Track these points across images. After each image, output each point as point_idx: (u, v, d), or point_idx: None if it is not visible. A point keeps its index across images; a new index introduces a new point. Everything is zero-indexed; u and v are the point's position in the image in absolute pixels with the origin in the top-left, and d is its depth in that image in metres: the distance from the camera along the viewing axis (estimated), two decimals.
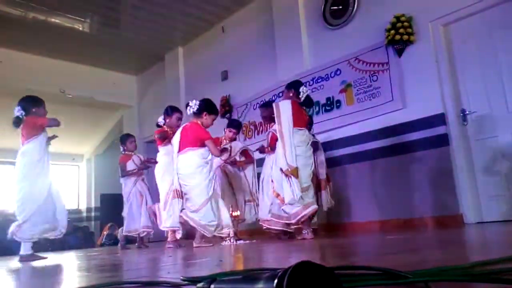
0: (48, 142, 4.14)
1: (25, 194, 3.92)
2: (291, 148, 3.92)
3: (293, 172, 3.84)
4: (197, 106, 4.27)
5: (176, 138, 4.28)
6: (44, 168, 4.03)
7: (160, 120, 5.02)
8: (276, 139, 4.17)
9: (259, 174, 4.93)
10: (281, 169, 3.91)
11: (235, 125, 5.22)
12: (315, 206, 3.92)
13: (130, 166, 5.49)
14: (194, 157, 4.13)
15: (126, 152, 5.63)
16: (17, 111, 4.05)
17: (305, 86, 4.31)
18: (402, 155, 4.72)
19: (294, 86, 4.27)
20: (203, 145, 4.17)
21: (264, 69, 6.49)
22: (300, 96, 4.18)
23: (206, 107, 4.33)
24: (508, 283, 0.85)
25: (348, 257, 1.95)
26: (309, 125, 4.42)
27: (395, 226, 4.65)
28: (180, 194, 4.09)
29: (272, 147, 4.42)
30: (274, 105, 4.19)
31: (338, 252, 2.29)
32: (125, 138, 5.76)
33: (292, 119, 3.99)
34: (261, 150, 4.72)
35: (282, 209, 3.97)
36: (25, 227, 3.86)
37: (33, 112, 4.09)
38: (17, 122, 4.06)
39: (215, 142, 5.35)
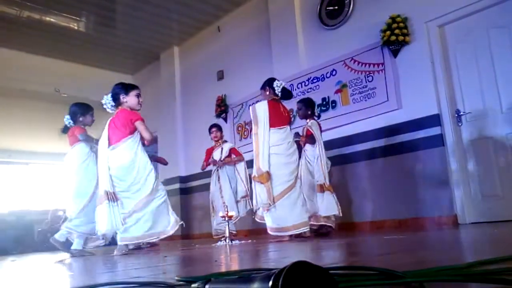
0: (92, 144, 4.35)
1: (72, 193, 4.18)
2: (263, 151, 3.89)
3: (261, 178, 3.82)
4: (111, 97, 3.89)
5: (104, 135, 3.85)
6: (89, 170, 4.23)
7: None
8: (310, 135, 4.32)
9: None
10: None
11: (214, 125, 5.84)
12: (302, 230, 3.86)
13: None
14: (127, 149, 3.73)
15: None
16: (66, 120, 4.38)
17: (278, 81, 4.16)
18: (397, 155, 4.73)
19: (268, 84, 4.16)
20: (132, 132, 3.77)
21: (260, 69, 6.49)
22: (276, 92, 4.09)
23: (120, 89, 3.91)
24: (503, 283, 0.85)
25: (344, 257, 1.96)
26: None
27: (390, 226, 4.66)
28: (114, 197, 3.66)
29: (306, 142, 4.47)
30: (250, 108, 4.13)
31: (334, 252, 2.29)
32: None
33: (269, 121, 3.95)
34: (297, 136, 4.52)
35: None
36: (76, 222, 4.09)
37: (79, 121, 4.37)
38: (64, 130, 4.40)
39: (207, 153, 5.70)
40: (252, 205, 4.90)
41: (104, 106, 3.92)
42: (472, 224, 4.10)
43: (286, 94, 4.17)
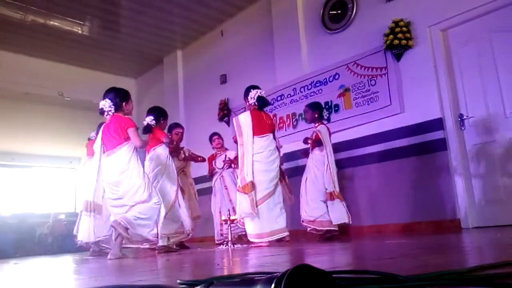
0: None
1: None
2: (247, 160, 4.00)
3: (245, 189, 3.91)
4: (113, 104, 3.73)
5: (97, 141, 3.84)
6: (170, 172, 4.37)
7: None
8: (318, 139, 4.35)
9: None
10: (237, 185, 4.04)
11: (216, 133, 5.83)
12: (280, 235, 3.98)
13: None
14: (120, 157, 3.65)
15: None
16: (150, 120, 4.48)
17: (257, 88, 4.33)
18: (399, 159, 4.72)
19: (246, 94, 4.33)
20: (127, 138, 3.68)
21: (262, 73, 6.50)
22: (250, 102, 4.24)
23: (122, 96, 3.82)
24: (505, 287, 0.85)
25: (347, 261, 1.95)
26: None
27: (393, 230, 4.64)
28: (97, 208, 3.86)
29: (314, 146, 4.48)
30: (234, 119, 4.27)
31: (336, 256, 2.29)
32: (172, 127, 5.11)
33: (252, 131, 4.07)
34: (305, 141, 4.58)
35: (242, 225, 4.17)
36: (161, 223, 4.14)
37: (161, 124, 4.56)
38: (147, 129, 4.46)
39: (209, 161, 5.64)
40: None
41: (106, 112, 3.74)
42: (475, 228, 4.08)
43: (262, 103, 4.29)
